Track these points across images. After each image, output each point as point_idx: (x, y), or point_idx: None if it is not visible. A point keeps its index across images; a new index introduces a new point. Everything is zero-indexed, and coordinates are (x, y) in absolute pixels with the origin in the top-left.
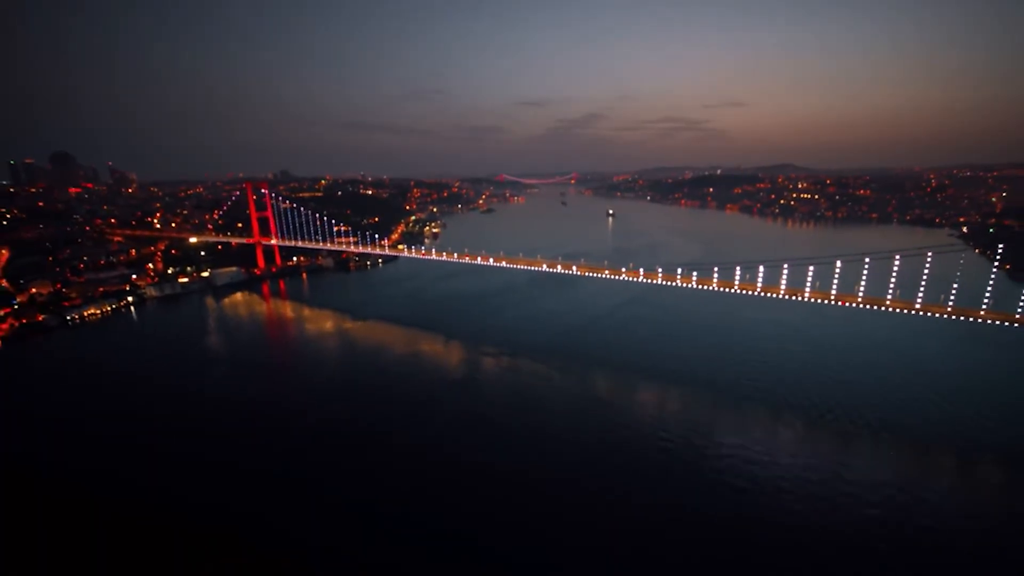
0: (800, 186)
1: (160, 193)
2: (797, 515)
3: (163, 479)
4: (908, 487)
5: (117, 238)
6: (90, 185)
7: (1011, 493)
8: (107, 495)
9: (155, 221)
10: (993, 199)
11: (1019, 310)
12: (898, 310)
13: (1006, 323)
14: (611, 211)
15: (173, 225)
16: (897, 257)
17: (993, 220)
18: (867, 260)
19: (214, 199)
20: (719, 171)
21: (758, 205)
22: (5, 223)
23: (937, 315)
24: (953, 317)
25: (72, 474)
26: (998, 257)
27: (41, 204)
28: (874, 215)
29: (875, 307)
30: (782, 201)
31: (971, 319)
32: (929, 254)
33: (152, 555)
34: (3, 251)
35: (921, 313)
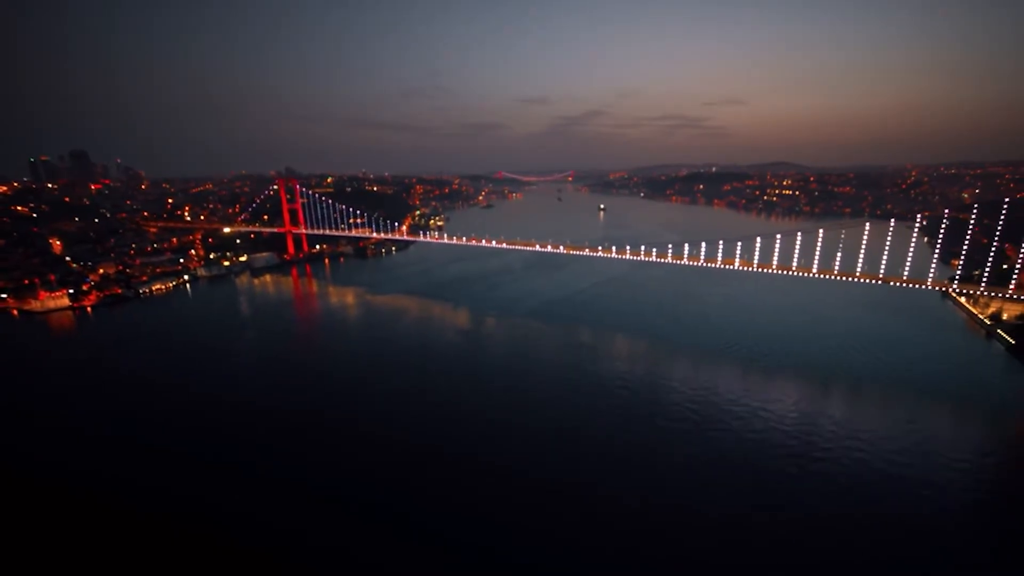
0: (784, 183)
1: (173, 189)
2: (724, 428)
3: (170, 475)
4: (810, 407)
5: (152, 229)
6: (107, 181)
7: (881, 408)
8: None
9: (185, 214)
10: (965, 195)
11: (883, 273)
12: (804, 275)
13: (872, 281)
14: (602, 206)
15: (202, 217)
16: (799, 235)
17: (954, 214)
18: (777, 237)
19: (229, 194)
20: (713, 168)
21: (743, 201)
22: (40, 217)
23: (829, 277)
24: (839, 278)
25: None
26: (939, 243)
27: (67, 200)
28: (847, 210)
29: (784, 272)
30: (765, 197)
31: (850, 279)
32: (890, 238)
33: (151, 555)
34: (54, 241)
35: (819, 276)
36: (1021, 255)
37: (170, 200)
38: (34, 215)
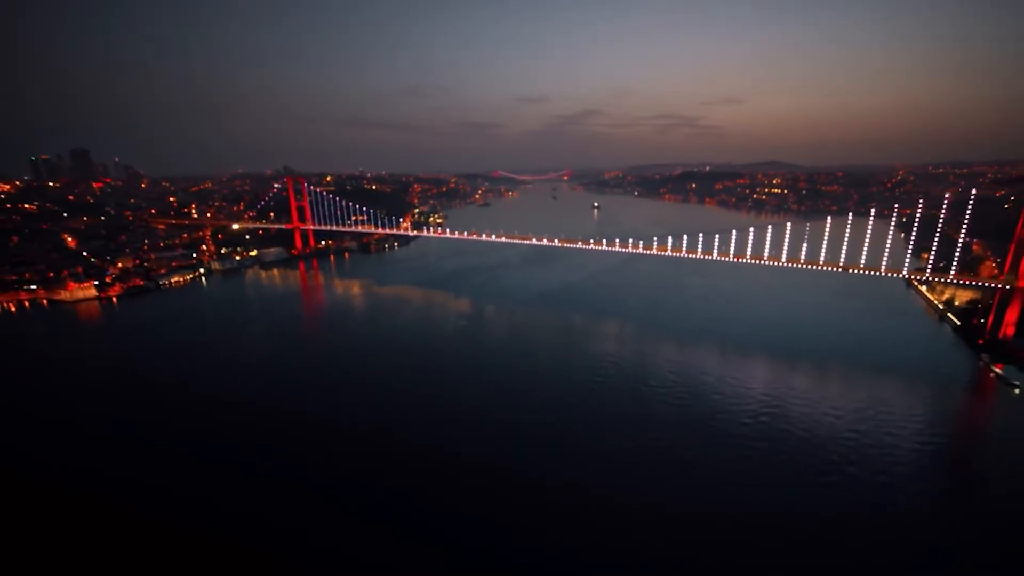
0: (774, 182)
1: (173, 188)
2: (701, 397)
3: (168, 474)
4: (778, 382)
5: (160, 226)
6: (108, 180)
7: (843, 383)
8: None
9: (192, 211)
10: (948, 194)
11: (843, 262)
12: (774, 264)
13: (833, 269)
14: (596, 204)
15: (208, 215)
16: (769, 228)
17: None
18: (751, 230)
19: (231, 192)
20: (707, 167)
21: (734, 199)
22: (48, 214)
23: (795, 266)
24: (806, 267)
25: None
26: (890, 234)
27: (71, 198)
28: (834, 207)
29: (756, 261)
30: (755, 195)
31: (815, 267)
32: (848, 232)
33: (151, 555)
34: (66, 237)
35: (788, 265)
36: (959, 244)
37: (172, 198)
38: (43, 212)
